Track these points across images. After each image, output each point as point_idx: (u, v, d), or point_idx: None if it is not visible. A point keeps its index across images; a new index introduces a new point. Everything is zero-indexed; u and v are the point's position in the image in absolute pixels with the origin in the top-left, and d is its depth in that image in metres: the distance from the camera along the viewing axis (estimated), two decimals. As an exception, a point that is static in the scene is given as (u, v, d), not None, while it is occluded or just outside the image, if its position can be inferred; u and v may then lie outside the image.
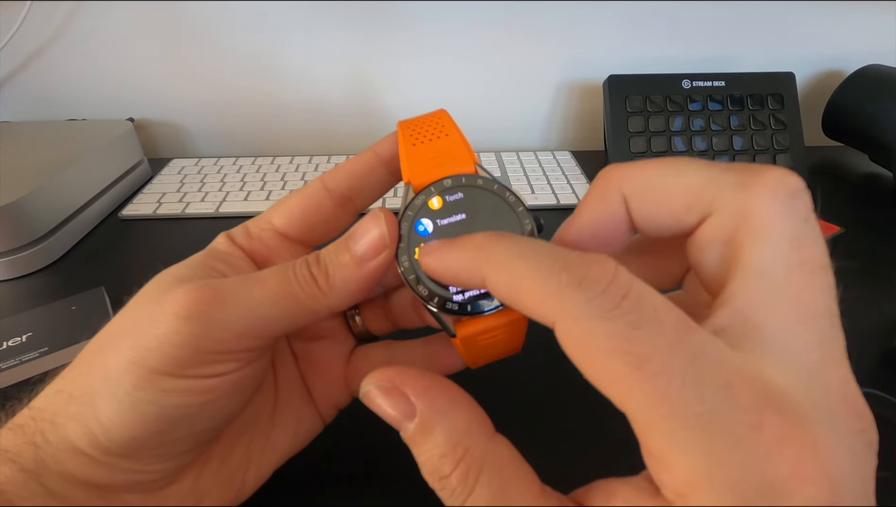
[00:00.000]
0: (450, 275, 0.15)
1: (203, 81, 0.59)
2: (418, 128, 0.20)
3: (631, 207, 0.15)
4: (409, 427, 0.14)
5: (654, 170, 0.14)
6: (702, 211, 0.13)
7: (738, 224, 0.13)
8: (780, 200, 0.12)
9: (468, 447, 0.14)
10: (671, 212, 0.14)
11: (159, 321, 0.16)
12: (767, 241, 0.12)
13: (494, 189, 0.18)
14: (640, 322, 0.11)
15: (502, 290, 0.13)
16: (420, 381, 0.15)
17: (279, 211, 0.21)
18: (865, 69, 0.55)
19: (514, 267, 0.13)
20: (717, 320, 0.12)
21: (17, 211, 0.38)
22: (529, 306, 0.13)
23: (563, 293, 0.12)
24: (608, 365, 0.11)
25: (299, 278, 0.18)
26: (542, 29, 0.58)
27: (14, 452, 0.16)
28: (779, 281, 0.12)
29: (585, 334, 0.11)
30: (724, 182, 0.13)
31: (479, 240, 0.14)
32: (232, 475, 0.20)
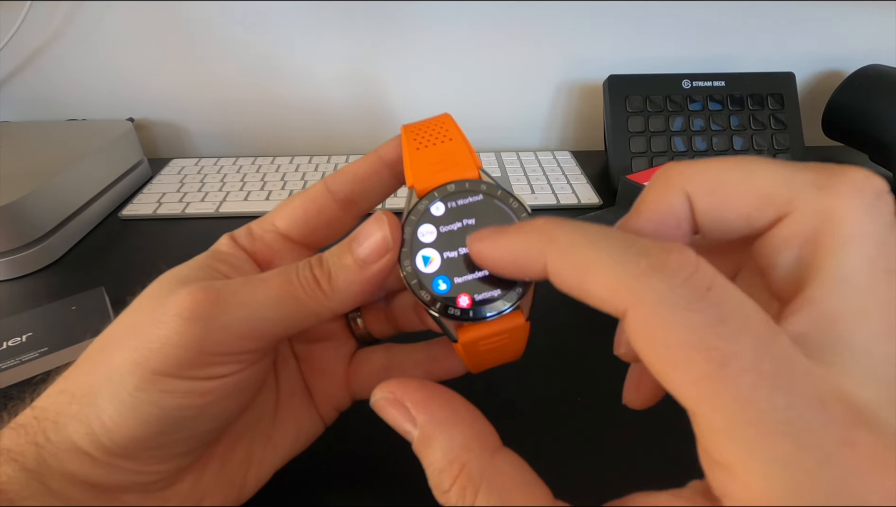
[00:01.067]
0: (507, 261, 0.14)
1: (203, 81, 0.59)
2: (422, 132, 0.20)
3: (696, 207, 0.14)
4: (413, 438, 0.14)
5: (722, 167, 0.14)
6: (777, 211, 0.13)
7: (819, 226, 0.12)
8: (866, 201, 0.12)
9: (465, 462, 0.13)
10: (742, 211, 0.13)
11: (162, 322, 0.16)
12: (853, 245, 0.11)
13: (498, 195, 0.18)
14: (727, 317, 0.10)
15: (568, 275, 0.12)
16: (420, 393, 0.14)
17: (282, 213, 0.21)
18: (865, 69, 0.55)
19: (582, 251, 0.12)
20: (793, 327, 0.11)
21: (17, 211, 0.38)
22: (599, 293, 0.12)
23: (641, 279, 0.11)
24: (687, 360, 0.10)
25: (302, 281, 0.18)
26: (543, 29, 0.58)
27: (16, 451, 0.16)
28: (864, 289, 0.11)
29: (664, 325, 0.10)
30: (803, 181, 0.12)
31: (541, 223, 0.13)
32: (233, 475, 0.20)
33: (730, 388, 0.10)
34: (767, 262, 0.13)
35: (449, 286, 0.18)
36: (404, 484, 0.24)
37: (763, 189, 0.13)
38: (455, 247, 0.18)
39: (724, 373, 0.10)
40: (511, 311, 0.18)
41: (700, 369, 0.10)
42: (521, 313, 0.18)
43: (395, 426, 0.15)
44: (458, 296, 0.18)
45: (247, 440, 0.21)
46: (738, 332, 0.10)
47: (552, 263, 0.13)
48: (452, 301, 0.18)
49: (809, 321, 0.11)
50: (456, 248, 0.18)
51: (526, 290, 0.18)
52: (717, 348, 0.10)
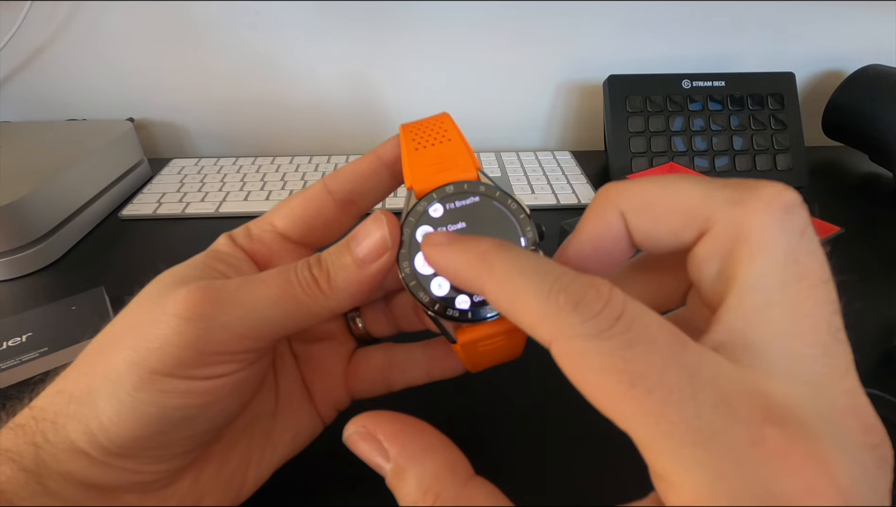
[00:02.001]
0: (449, 274, 0.15)
1: (203, 81, 0.59)
2: (421, 131, 0.20)
3: (629, 224, 0.15)
4: (387, 472, 0.14)
5: (650, 187, 0.15)
6: (699, 227, 0.14)
7: (734, 240, 0.13)
8: (776, 215, 0.12)
9: (438, 492, 0.13)
10: (669, 228, 0.14)
11: (160, 322, 0.16)
12: (763, 256, 0.12)
13: (496, 196, 0.18)
14: (634, 341, 0.11)
15: (501, 303, 0.14)
16: (391, 425, 0.15)
17: (281, 213, 0.21)
18: (865, 69, 0.55)
19: (513, 282, 0.13)
20: (715, 336, 0.12)
21: (17, 211, 0.38)
22: (527, 323, 0.13)
23: (560, 314, 0.12)
24: (603, 384, 0.11)
25: (301, 280, 0.18)
26: (543, 29, 0.58)
27: (15, 452, 0.16)
28: (775, 296, 0.12)
29: (580, 355, 0.11)
30: (719, 198, 0.13)
31: (484, 247, 0.14)
32: (232, 475, 0.20)
33: (642, 406, 0.11)
34: (696, 276, 0.14)
35: (447, 287, 0.18)
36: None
37: (686, 206, 0.14)
38: None
39: (634, 392, 0.11)
40: None
41: (614, 392, 0.11)
42: None
43: (368, 461, 0.15)
44: (456, 297, 0.18)
45: (246, 439, 0.21)
46: (644, 352, 0.11)
47: (487, 289, 0.14)
48: (451, 302, 0.18)
49: (729, 328, 0.12)
50: None
51: None
52: (625, 370, 0.11)
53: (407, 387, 0.23)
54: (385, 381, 0.23)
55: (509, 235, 0.18)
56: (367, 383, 0.23)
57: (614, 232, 0.15)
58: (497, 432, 0.26)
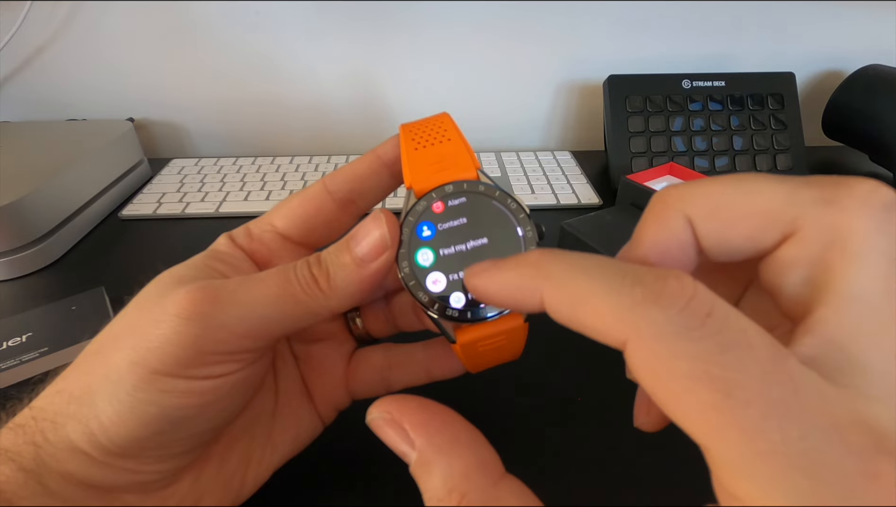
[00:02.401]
0: (503, 295, 0.14)
1: (203, 81, 0.59)
2: (420, 131, 0.20)
3: (698, 230, 0.13)
4: (411, 460, 0.13)
5: (721, 188, 0.13)
6: (782, 230, 0.12)
7: (827, 243, 0.11)
8: (875, 215, 0.11)
9: (465, 492, 0.12)
10: (745, 233, 0.13)
11: (160, 322, 0.16)
12: (864, 262, 0.11)
13: (496, 196, 0.18)
14: (728, 345, 0.10)
15: (564, 308, 0.12)
16: (419, 414, 0.14)
17: (280, 212, 0.21)
18: (865, 69, 0.55)
19: (577, 283, 0.12)
20: (804, 350, 0.11)
21: (17, 211, 0.38)
22: (597, 324, 0.11)
23: (638, 310, 0.10)
24: (691, 392, 0.10)
25: (300, 279, 0.18)
26: (543, 29, 0.58)
27: (14, 451, 0.16)
28: (878, 308, 0.11)
29: (664, 356, 0.10)
30: (807, 197, 0.12)
31: (536, 256, 0.13)
32: (231, 475, 0.20)
33: (737, 419, 0.09)
34: (775, 282, 0.13)
35: (444, 284, 0.18)
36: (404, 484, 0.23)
37: (765, 208, 0.12)
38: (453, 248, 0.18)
39: (729, 404, 0.09)
40: (509, 312, 0.18)
41: (704, 401, 0.10)
42: (519, 314, 0.18)
43: (392, 447, 0.14)
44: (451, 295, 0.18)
45: (245, 439, 0.21)
46: (741, 359, 0.10)
47: (548, 297, 0.12)
48: (450, 303, 0.18)
49: (822, 343, 0.11)
50: (454, 249, 0.18)
51: None
52: (720, 377, 0.10)
53: (407, 387, 0.23)
54: (385, 381, 0.23)
55: (509, 234, 0.18)
56: (366, 383, 0.23)
57: (681, 239, 0.13)
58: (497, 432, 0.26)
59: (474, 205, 0.18)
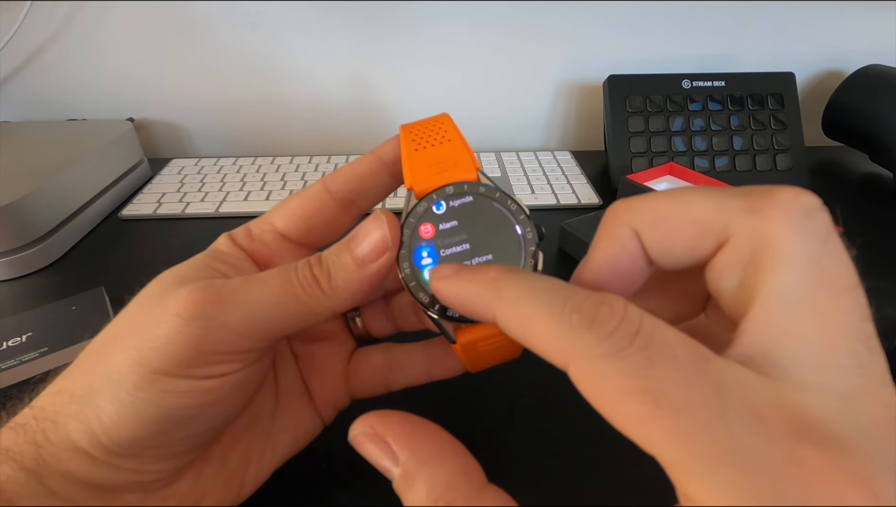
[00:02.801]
0: (459, 305, 0.15)
1: (203, 81, 0.59)
2: (421, 132, 0.20)
3: (644, 241, 0.14)
4: (394, 476, 0.14)
5: (661, 201, 0.14)
6: (716, 238, 0.13)
7: (754, 249, 0.12)
8: (795, 220, 0.12)
9: (450, 501, 0.13)
10: (685, 242, 0.14)
11: (162, 322, 0.16)
12: (785, 264, 0.12)
13: (496, 197, 0.18)
14: (654, 358, 0.11)
15: (513, 328, 0.13)
16: (402, 428, 0.14)
17: (281, 212, 0.21)
18: (865, 69, 0.55)
19: (525, 306, 0.13)
20: (740, 349, 0.12)
21: (17, 211, 0.38)
22: (540, 346, 0.12)
23: (575, 335, 0.11)
24: (626, 405, 0.11)
25: (301, 280, 0.18)
26: (543, 29, 0.58)
27: (15, 451, 0.16)
28: (801, 305, 0.11)
29: (599, 375, 0.11)
30: (735, 207, 0.13)
31: (492, 274, 0.14)
32: (231, 474, 0.20)
33: (668, 426, 0.10)
34: (716, 287, 0.14)
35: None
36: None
37: (700, 218, 0.13)
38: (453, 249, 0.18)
39: (659, 412, 0.10)
40: None
41: (638, 412, 0.10)
42: None
43: (375, 463, 0.14)
44: None
45: (246, 439, 0.21)
46: (666, 370, 0.10)
47: (498, 316, 0.13)
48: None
49: (755, 341, 0.12)
50: (455, 250, 0.18)
51: None
52: (648, 389, 0.10)
53: (407, 387, 0.23)
54: (385, 381, 0.23)
55: (509, 236, 0.18)
56: (366, 382, 0.23)
57: (629, 251, 0.14)
58: (497, 432, 0.26)
59: (475, 206, 0.18)
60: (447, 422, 0.15)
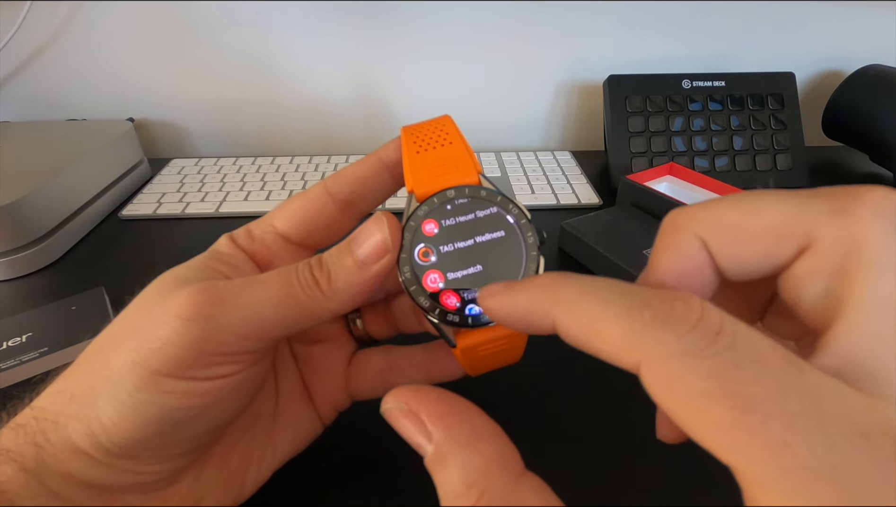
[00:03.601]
0: (514, 317, 0.14)
1: (203, 81, 0.59)
2: (422, 134, 0.20)
3: (713, 251, 0.13)
4: (427, 453, 0.13)
5: (730, 208, 0.13)
6: (797, 244, 0.12)
7: (843, 253, 0.11)
8: (888, 222, 0.11)
9: (484, 489, 0.12)
10: (761, 249, 0.13)
11: (162, 323, 0.16)
12: (880, 269, 0.11)
13: (498, 201, 0.18)
14: (741, 360, 0.10)
15: (576, 332, 0.12)
16: (438, 406, 0.13)
17: (281, 214, 0.21)
18: (865, 69, 0.55)
19: (588, 307, 0.12)
20: (827, 360, 0.11)
21: (17, 211, 0.38)
22: (608, 348, 0.11)
23: (648, 332, 0.11)
24: (707, 410, 0.10)
25: (301, 281, 0.18)
26: (543, 29, 0.58)
27: (16, 452, 0.16)
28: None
29: (678, 376, 0.10)
30: (818, 209, 0.12)
31: (547, 280, 0.13)
32: (232, 475, 0.20)
33: (759, 435, 0.09)
34: (795, 296, 0.13)
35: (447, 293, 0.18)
36: (404, 484, 0.24)
37: (777, 223, 0.12)
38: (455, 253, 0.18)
39: (749, 419, 0.09)
40: None
41: (723, 418, 0.09)
42: None
43: (408, 439, 0.13)
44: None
45: (246, 439, 0.21)
46: (756, 373, 0.10)
47: (559, 321, 0.13)
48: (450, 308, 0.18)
49: (846, 352, 0.11)
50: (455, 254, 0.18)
51: None
52: (736, 393, 0.09)
53: (407, 388, 0.23)
54: (385, 383, 0.23)
55: (511, 240, 0.18)
56: (366, 384, 0.23)
57: (697, 261, 0.13)
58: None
59: (476, 210, 0.18)
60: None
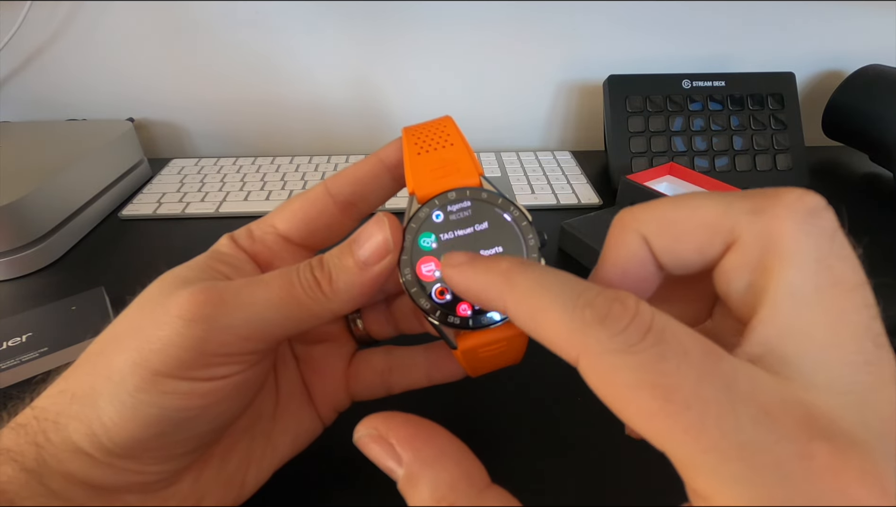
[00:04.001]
0: (471, 295, 0.15)
1: (203, 81, 0.59)
2: (423, 135, 0.20)
3: (653, 246, 0.14)
4: (399, 476, 0.14)
5: (668, 207, 0.14)
6: (724, 241, 0.13)
7: (761, 250, 0.12)
8: (801, 220, 0.12)
9: (453, 501, 0.13)
10: (693, 246, 0.14)
11: (163, 323, 0.16)
12: (793, 264, 0.12)
13: (499, 203, 0.18)
14: (666, 354, 0.11)
15: (523, 320, 0.13)
16: (405, 429, 0.14)
17: (282, 215, 0.21)
18: (865, 69, 0.55)
19: (537, 298, 0.13)
20: (750, 349, 0.12)
21: (17, 211, 0.38)
22: (551, 339, 0.12)
23: (587, 330, 0.12)
24: (637, 400, 0.11)
25: (303, 282, 0.18)
26: (543, 29, 0.58)
27: (16, 452, 0.16)
28: (809, 304, 0.12)
29: (610, 370, 0.11)
30: (740, 209, 0.13)
31: (505, 265, 0.14)
32: (232, 475, 0.20)
33: (679, 422, 0.10)
34: (724, 289, 0.14)
35: (449, 294, 0.18)
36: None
37: (707, 221, 0.13)
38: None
39: (670, 408, 0.10)
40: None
41: (649, 407, 0.11)
42: None
43: (379, 464, 0.14)
44: (457, 304, 0.18)
45: (246, 440, 0.21)
46: (677, 366, 0.11)
47: (509, 306, 0.14)
48: (452, 309, 0.18)
49: (764, 341, 0.12)
50: None
51: None
52: (659, 384, 0.10)
53: (407, 390, 0.23)
54: (385, 383, 0.23)
55: (511, 242, 0.18)
56: (367, 385, 0.23)
57: (639, 257, 0.15)
58: (497, 434, 0.26)
59: (477, 212, 0.18)
60: (448, 423, 0.15)
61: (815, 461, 0.10)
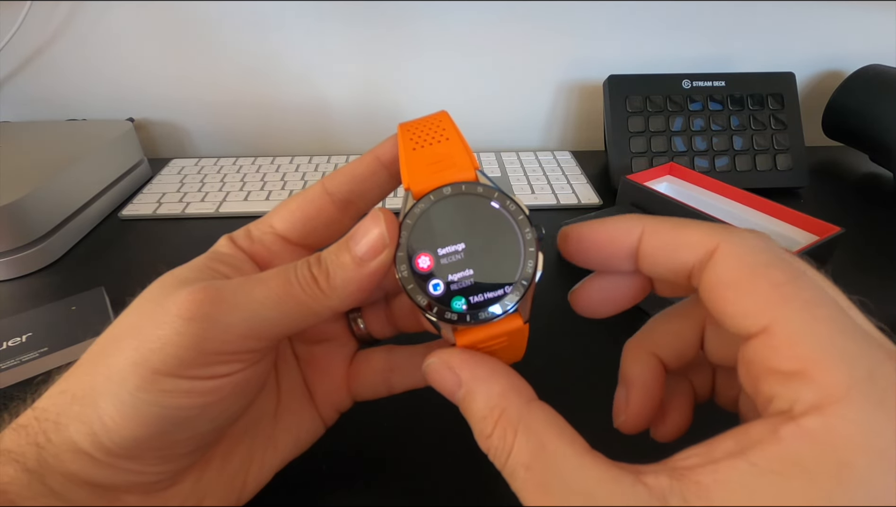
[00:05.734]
0: (601, 239, 0.18)
1: (203, 81, 0.59)
2: (419, 131, 0.20)
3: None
4: (459, 396, 0.16)
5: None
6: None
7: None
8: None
9: (504, 408, 0.15)
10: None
11: (163, 323, 0.16)
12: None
13: (495, 197, 0.18)
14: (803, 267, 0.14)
15: (664, 236, 0.16)
16: (462, 356, 0.17)
17: (280, 214, 0.21)
18: (865, 69, 0.55)
19: (672, 220, 0.16)
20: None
21: (17, 211, 0.38)
22: (692, 239, 0.15)
23: (729, 229, 0.15)
24: (766, 275, 0.13)
25: (300, 279, 0.18)
26: (543, 29, 0.58)
27: (17, 452, 0.16)
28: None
29: (751, 251, 0.14)
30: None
31: (630, 215, 0.17)
32: (233, 476, 0.20)
33: (800, 293, 0.13)
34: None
35: (444, 288, 0.18)
36: (404, 484, 0.24)
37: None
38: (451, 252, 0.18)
39: (798, 283, 0.13)
40: (511, 313, 0.18)
41: (777, 278, 0.13)
42: (519, 316, 0.18)
43: (443, 389, 0.17)
44: (453, 298, 0.18)
45: (247, 440, 0.21)
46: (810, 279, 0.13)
47: (649, 230, 0.16)
48: (448, 304, 0.18)
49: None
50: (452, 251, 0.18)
51: (524, 292, 0.18)
52: (791, 268, 0.13)
53: (408, 390, 0.23)
54: (386, 383, 0.23)
55: (508, 236, 0.18)
56: (368, 384, 0.23)
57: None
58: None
59: (473, 207, 0.18)
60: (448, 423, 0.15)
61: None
